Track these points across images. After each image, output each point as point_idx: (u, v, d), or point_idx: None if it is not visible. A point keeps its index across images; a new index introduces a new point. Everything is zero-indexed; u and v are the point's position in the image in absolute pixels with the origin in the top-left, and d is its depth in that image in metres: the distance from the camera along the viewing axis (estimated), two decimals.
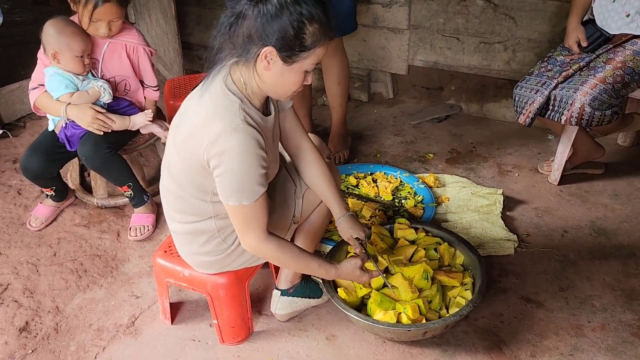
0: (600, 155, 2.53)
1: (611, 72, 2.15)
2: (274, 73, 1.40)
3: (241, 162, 1.40)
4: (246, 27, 1.35)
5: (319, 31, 1.35)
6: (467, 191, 2.49)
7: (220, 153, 1.39)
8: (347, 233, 1.75)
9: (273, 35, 1.33)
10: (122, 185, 2.30)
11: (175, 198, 1.59)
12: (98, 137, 2.17)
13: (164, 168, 1.62)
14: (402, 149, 2.93)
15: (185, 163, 1.49)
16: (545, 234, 2.27)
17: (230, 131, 1.38)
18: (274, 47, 1.35)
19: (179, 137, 1.50)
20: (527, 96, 2.30)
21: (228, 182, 1.43)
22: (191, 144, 1.45)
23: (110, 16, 2.10)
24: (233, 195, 1.44)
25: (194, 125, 1.44)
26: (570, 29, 2.34)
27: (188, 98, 1.54)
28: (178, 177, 1.55)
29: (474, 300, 1.72)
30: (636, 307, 1.91)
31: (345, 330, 1.88)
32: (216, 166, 1.42)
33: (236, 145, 1.38)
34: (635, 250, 2.17)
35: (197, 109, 1.45)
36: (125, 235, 2.37)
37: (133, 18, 3.97)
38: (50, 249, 2.30)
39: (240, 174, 1.42)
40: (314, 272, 1.65)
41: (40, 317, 1.98)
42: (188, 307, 2.01)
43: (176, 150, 1.52)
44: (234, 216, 1.50)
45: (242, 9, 1.36)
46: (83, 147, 2.17)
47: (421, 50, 3.21)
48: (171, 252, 1.82)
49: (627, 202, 2.44)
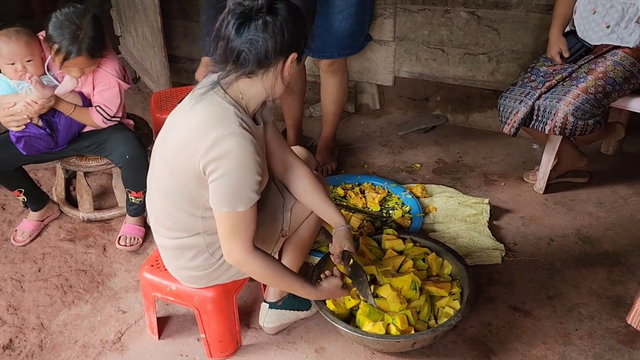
0: (584, 164, 2.57)
1: (593, 83, 2.18)
2: (289, 75, 1.48)
3: (239, 166, 1.40)
4: (262, 48, 1.38)
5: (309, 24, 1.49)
6: (454, 201, 2.50)
7: (218, 157, 1.39)
8: (342, 242, 1.76)
9: (296, 40, 1.42)
10: (138, 191, 2.30)
11: (163, 214, 1.58)
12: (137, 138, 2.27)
13: (151, 184, 1.61)
14: (390, 160, 2.94)
15: (177, 175, 1.48)
16: (531, 243, 2.29)
17: (227, 135, 1.38)
18: (295, 51, 1.43)
19: (169, 150, 1.49)
20: (511, 106, 2.33)
21: (224, 187, 1.42)
22: (185, 154, 1.44)
23: (81, 65, 2.06)
24: (228, 201, 1.43)
25: (186, 134, 1.44)
26: (552, 40, 2.39)
27: (175, 112, 1.54)
28: (168, 192, 1.53)
29: (462, 310, 1.73)
30: (622, 314, 1.92)
31: (334, 343, 1.87)
32: (213, 171, 1.41)
33: (235, 149, 1.38)
34: (620, 257, 2.19)
35: (189, 118, 1.45)
36: (111, 249, 2.34)
37: (119, 31, 3.97)
38: (34, 264, 2.27)
39: (238, 178, 1.41)
40: (296, 292, 1.67)
41: (25, 334, 1.95)
42: (175, 322, 1.99)
43: (166, 164, 1.51)
44: (223, 224, 1.48)
45: (253, 36, 1.37)
46: (128, 145, 2.22)
47: (407, 62, 3.24)
48: (158, 266, 1.80)
49: (611, 210, 2.47)
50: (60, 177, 2.58)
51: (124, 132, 2.26)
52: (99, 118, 2.19)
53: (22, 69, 2.06)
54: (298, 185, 1.74)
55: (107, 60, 2.17)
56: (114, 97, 2.19)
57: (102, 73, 2.17)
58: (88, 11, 2.04)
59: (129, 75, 2.30)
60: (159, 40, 3.29)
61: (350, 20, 2.48)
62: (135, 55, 3.85)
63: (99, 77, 2.17)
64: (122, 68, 2.22)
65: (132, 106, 3.58)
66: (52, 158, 2.33)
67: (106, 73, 2.16)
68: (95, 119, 2.19)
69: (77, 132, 2.26)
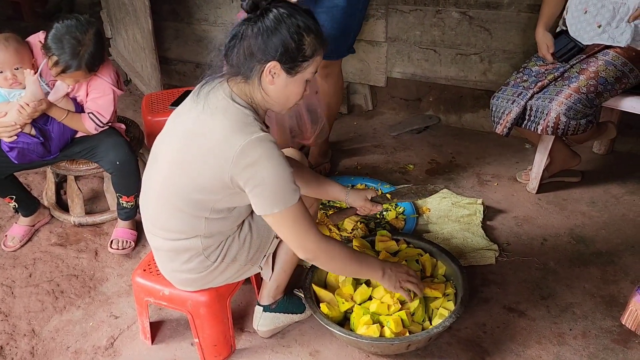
0: (577, 163, 2.58)
1: (585, 82, 2.19)
2: (279, 86, 1.44)
3: (275, 167, 1.40)
4: (246, 47, 1.39)
5: (315, 40, 1.42)
6: (448, 202, 2.50)
7: (252, 164, 1.39)
8: (361, 197, 1.87)
9: (276, 50, 1.38)
10: (130, 195, 2.28)
11: (164, 215, 1.56)
12: (127, 143, 2.24)
13: (149, 186, 1.60)
14: (383, 161, 2.94)
15: (193, 180, 1.46)
16: (525, 243, 2.29)
17: (255, 140, 1.39)
18: (277, 61, 1.39)
19: (188, 155, 1.46)
20: (503, 106, 2.33)
21: (268, 191, 1.42)
22: (208, 163, 1.43)
23: (77, 78, 2.05)
24: (277, 201, 1.43)
25: (210, 143, 1.42)
26: (538, 38, 2.39)
27: (183, 114, 1.53)
28: (175, 193, 1.51)
29: (456, 311, 1.73)
30: (616, 313, 1.93)
31: (329, 346, 1.86)
32: (248, 180, 1.41)
33: (265, 153, 1.39)
34: (613, 257, 2.20)
35: (211, 125, 1.43)
36: (103, 254, 2.32)
37: (110, 33, 3.95)
38: (25, 269, 2.24)
39: (277, 178, 1.41)
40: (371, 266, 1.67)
41: (16, 341, 1.93)
42: (169, 326, 1.97)
43: (178, 168, 1.49)
44: (283, 225, 1.48)
45: (240, 30, 1.39)
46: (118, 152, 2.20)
47: (399, 62, 3.23)
48: (151, 270, 1.79)
49: (604, 209, 2.48)
50: (51, 181, 2.56)
51: (114, 138, 2.23)
52: (91, 125, 2.16)
53: (12, 76, 2.03)
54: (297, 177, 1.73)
55: (103, 67, 2.14)
56: (108, 104, 2.16)
57: (97, 80, 2.14)
58: (91, 25, 2.00)
59: (122, 80, 2.28)
60: (149, 43, 3.27)
61: (335, 24, 2.39)
62: (126, 57, 3.82)
63: (94, 83, 2.14)
64: (116, 74, 2.19)
65: (123, 109, 3.56)
66: (43, 164, 2.31)
67: (101, 80, 2.14)
68: (87, 126, 2.16)
69: (69, 139, 2.23)
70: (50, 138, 2.16)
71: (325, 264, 1.60)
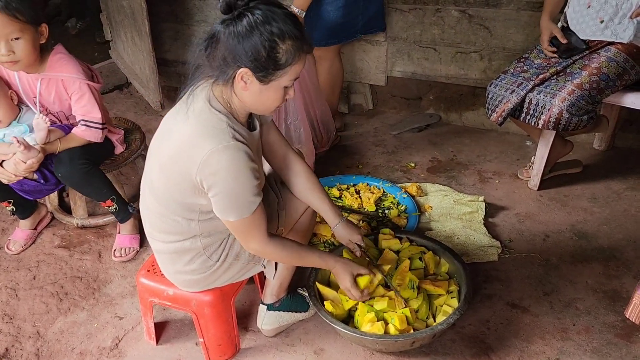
0: (570, 149, 2.55)
1: (587, 79, 2.18)
2: (252, 93, 1.41)
3: (236, 179, 1.41)
4: (220, 49, 1.36)
5: (292, 47, 1.35)
6: (450, 199, 2.51)
7: (214, 173, 1.39)
8: (345, 238, 1.79)
9: (246, 56, 1.33)
10: (105, 200, 2.23)
11: (158, 217, 1.57)
12: (73, 153, 2.08)
13: (145, 187, 1.60)
14: (384, 160, 2.94)
15: (172, 182, 1.48)
16: (527, 239, 2.30)
17: (221, 149, 1.38)
18: (248, 68, 1.35)
19: (165, 156, 1.47)
20: (501, 95, 2.32)
21: (226, 199, 1.44)
22: (179, 164, 1.43)
23: (3, 30, 1.81)
24: (232, 211, 1.45)
25: (181, 145, 1.43)
26: (542, 26, 2.35)
27: (169, 117, 1.53)
28: (163, 196, 1.52)
29: (460, 308, 1.73)
30: (619, 308, 1.93)
31: (333, 344, 1.87)
32: (211, 186, 1.42)
33: (229, 163, 1.38)
34: (615, 252, 2.20)
35: (183, 128, 1.44)
36: (106, 255, 2.32)
37: (109, 36, 3.95)
38: (29, 272, 2.25)
39: (237, 190, 1.42)
40: (314, 263, 1.70)
41: (21, 343, 1.93)
42: (173, 327, 1.98)
43: (161, 169, 1.50)
44: (234, 229, 1.52)
45: (216, 30, 1.36)
46: (59, 166, 2.08)
47: (399, 61, 3.24)
48: (154, 271, 1.79)
49: (605, 205, 2.48)
50: None
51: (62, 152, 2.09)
52: (90, 133, 2.10)
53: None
54: (296, 182, 1.75)
55: (66, 64, 2.03)
56: (90, 102, 2.07)
57: (69, 81, 2.04)
58: None
59: (97, 73, 2.17)
60: (147, 45, 3.27)
61: (339, 12, 2.69)
62: (126, 59, 3.83)
63: (67, 85, 2.05)
64: (86, 67, 2.10)
65: (124, 111, 3.56)
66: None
67: (73, 80, 2.03)
68: (88, 136, 2.10)
69: None
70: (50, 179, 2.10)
71: (270, 259, 1.72)
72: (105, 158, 2.33)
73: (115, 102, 3.68)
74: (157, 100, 3.47)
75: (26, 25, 1.87)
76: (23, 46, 1.89)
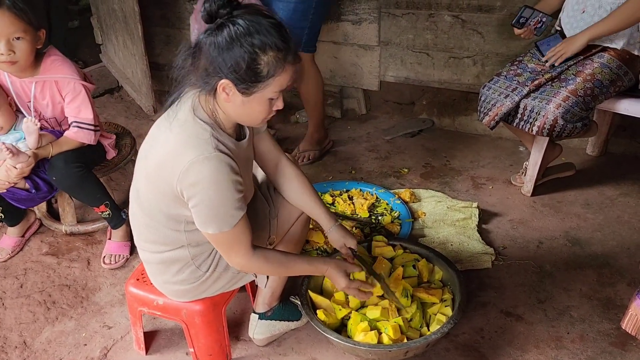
0: (559, 152, 2.54)
1: (582, 85, 2.17)
2: (235, 104, 1.38)
3: (216, 191, 1.37)
4: (203, 59, 1.33)
5: (274, 59, 1.31)
6: (443, 205, 2.49)
7: (194, 184, 1.36)
8: (340, 242, 1.75)
9: (226, 68, 1.30)
10: (99, 205, 2.19)
11: (146, 227, 1.55)
12: (67, 156, 2.06)
13: (133, 197, 1.57)
14: (377, 165, 2.93)
15: (157, 192, 1.45)
16: (521, 246, 2.29)
17: (202, 160, 1.35)
18: (229, 79, 1.32)
19: (150, 166, 1.45)
20: (495, 99, 2.31)
21: (205, 212, 1.40)
22: (162, 174, 1.41)
23: (7, 29, 1.83)
24: (211, 224, 1.42)
25: (164, 154, 1.40)
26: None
27: (156, 125, 1.51)
28: (149, 207, 1.50)
29: (454, 317, 1.71)
30: (613, 316, 1.92)
31: (325, 353, 1.84)
32: (191, 197, 1.39)
33: (209, 175, 1.35)
34: (609, 259, 2.19)
35: (167, 137, 1.41)
36: (95, 263, 2.29)
37: (100, 39, 3.92)
38: (16, 280, 2.21)
39: (217, 202, 1.39)
40: (304, 271, 1.65)
41: (7, 354, 1.89)
42: (163, 336, 1.95)
43: (147, 179, 1.47)
44: (215, 243, 1.48)
45: (200, 39, 1.33)
46: (53, 170, 2.06)
47: (392, 66, 3.23)
48: (144, 279, 1.76)
49: (598, 211, 2.47)
50: None
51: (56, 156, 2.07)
52: (83, 135, 2.09)
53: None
54: (288, 186, 1.72)
55: (60, 65, 2.04)
56: (84, 104, 2.07)
57: (63, 82, 2.04)
58: None
59: (89, 75, 2.19)
60: (139, 49, 3.25)
61: (288, 13, 2.50)
62: (117, 63, 3.79)
63: (62, 87, 2.05)
64: (78, 69, 2.11)
65: (114, 115, 3.53)
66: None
67: (68, 80, 2.04)
68: (81, 138, 2.09)
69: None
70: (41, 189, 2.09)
71: (255, 272, 1.68)
72: (98, 163, 2.30)
73: (105, 107, 3.64)
74: (149, 105, 3.45)
75: (28, 27, 1.89)
76: (24, 47, 1.91)
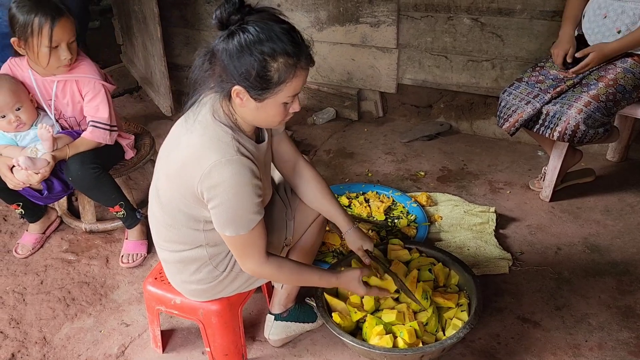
0: (580, 158, 2.52)
1: (604, 90, 2.14)
2: (250, 109, 1.39)
3: (236, 194, 1.38)
4: (217, 65, 1.35)
5: (285, 65, 1.31)
6: (460, 209, 2.48)
7: (215, 186, 1.37)
8: (357, 244, 1.77)
9: (238, 75, 1.32)
10: (113, 206, 2.22)
11: (165, 227, 1.56)
12: (84, 157, 2.09)
13: (153, 196, 1.59)
14: (394, 168, 2.92)
15: (178, 192, 1.47)
16: (539, 252, 2.27)
17: (224, 163, 1.36)
18: (241, 86, 1.33)
19: (172, 166, 1.47)
20: (515, 105, 2.28)
21: (224, 214, 1.42)
22: (184, 175, 1.42)
23: (67, 34, 1.96)
24: (229, 226, 1.43)
25: (187, 156, 1.42)
26: (564, 39, 2.28)
27: (177, 126, 1.52)
28: (169, 206, 1.52)
29: (470, 322, 1.70)
30: (632, 324, 1.90)
31: (340, 355, 1.85)
32: (210, 199, 1.40)
33: (230, 178, 1.37)
34: (629, 266, 2.16)
35: (189, 138, 1.43)
36: (114, 261, 2.32)
37: (121, 40, 3.97)
38: (37, 277, 2.25)
39: (236, 205, 1.40)
40: (315, 283, 1.66)
41: (27, 349, 1.92)
42: (180, 335, 1.96)
43: (168, 179, 1.49)
44: (231, 245, 1.50)
45: (214, 45, 1.34)
46: (70, 170, 2.08)
47: (410, 69, 3.22)
48: (162, 278, 1.78)
49: (618, 217, 2.44)
50: None
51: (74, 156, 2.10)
52: (100, 134, 2.11)
53: (16, 118, 2.01)
54: (306, 189, 1.73)
55: (84, 65, 2.09)
56: (103, 103, 2.11)
57: (84, 81, 2.09)
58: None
59: (110, 76, 2.24)
60: (158, 50, 3.28)
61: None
62: (137, 64, 3.84)
63: (82, 86, 2.10)
64: (99, 69, 2.15)
65: (134, 115, 3.57)
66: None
67: (89, 79, 2.09)
68: (96, 137, 2.11)
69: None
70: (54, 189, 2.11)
71: (267, 279, 1.69)
72: (116, 163, 2.33)
73: (125, 106, 3.69)
74: (167, 105, 3.48)
75: (74, 27, 2.00)
76: (74, 47, 2.03)
